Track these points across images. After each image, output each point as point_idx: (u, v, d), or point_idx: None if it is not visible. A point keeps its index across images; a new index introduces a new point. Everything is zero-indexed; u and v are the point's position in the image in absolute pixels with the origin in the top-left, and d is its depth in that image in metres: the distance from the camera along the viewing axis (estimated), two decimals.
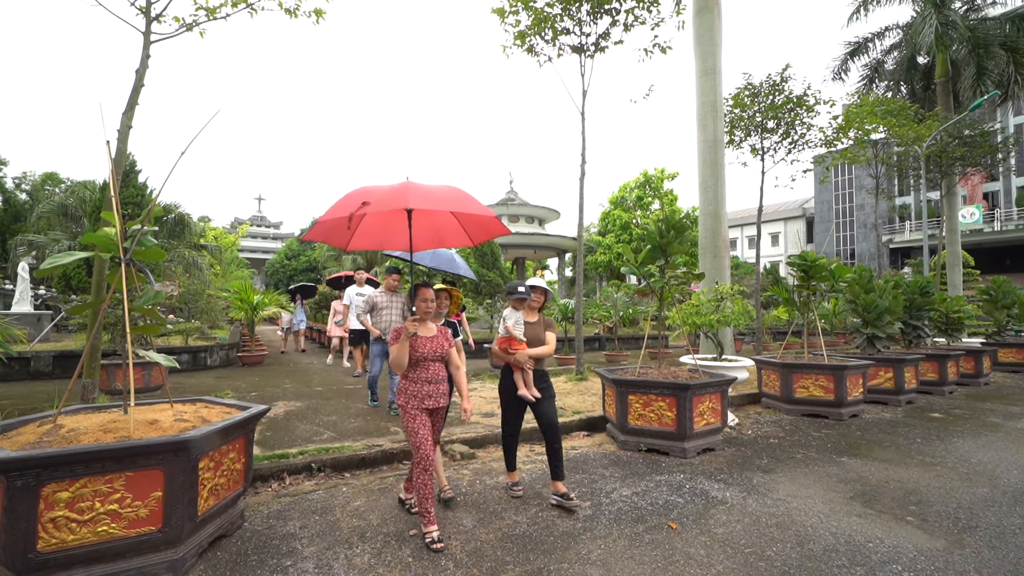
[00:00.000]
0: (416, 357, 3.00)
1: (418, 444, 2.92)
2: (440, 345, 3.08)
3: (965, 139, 16.18)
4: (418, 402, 2.98)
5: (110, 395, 6.34)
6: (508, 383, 3.61)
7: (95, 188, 15.67)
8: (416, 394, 2.99)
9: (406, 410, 2.98)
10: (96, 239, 2.90)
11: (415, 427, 2.95)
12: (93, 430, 2.56)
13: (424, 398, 2.99)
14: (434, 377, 3.04)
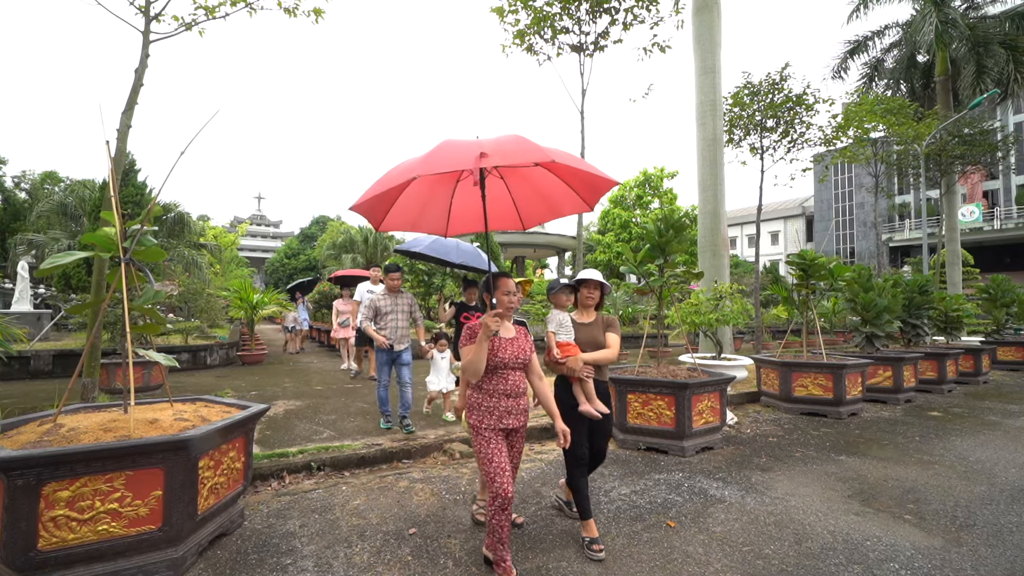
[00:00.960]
0: (494, 364, 2.45)
1: (493, 475, 2.35)
2: (523, 349, 2.53)
3: (965, 137, 16.18)
4: (495, 420, 2.44)
5: (110, 394, 6.35)
6: (564, 397, 2.95)
7: (95, 187, 15.65)
8: (492, 410, 2.45)
9: (478, 431, 2.44)
10: (96, 239, 2.90)
11: (489, 453, 2.39)
12: (93, 429, 2.57)
13: (503, 415, 2.44)
14: (514, 389, 2.48)
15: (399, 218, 3.18)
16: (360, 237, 24.73)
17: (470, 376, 2.44)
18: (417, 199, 3.14)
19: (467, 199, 3.22)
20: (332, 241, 26.83)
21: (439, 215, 3.28)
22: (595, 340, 3.06)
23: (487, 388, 2.48)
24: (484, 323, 2.31)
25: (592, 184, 2.96)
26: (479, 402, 2.49)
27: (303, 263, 41.52)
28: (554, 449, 4.85)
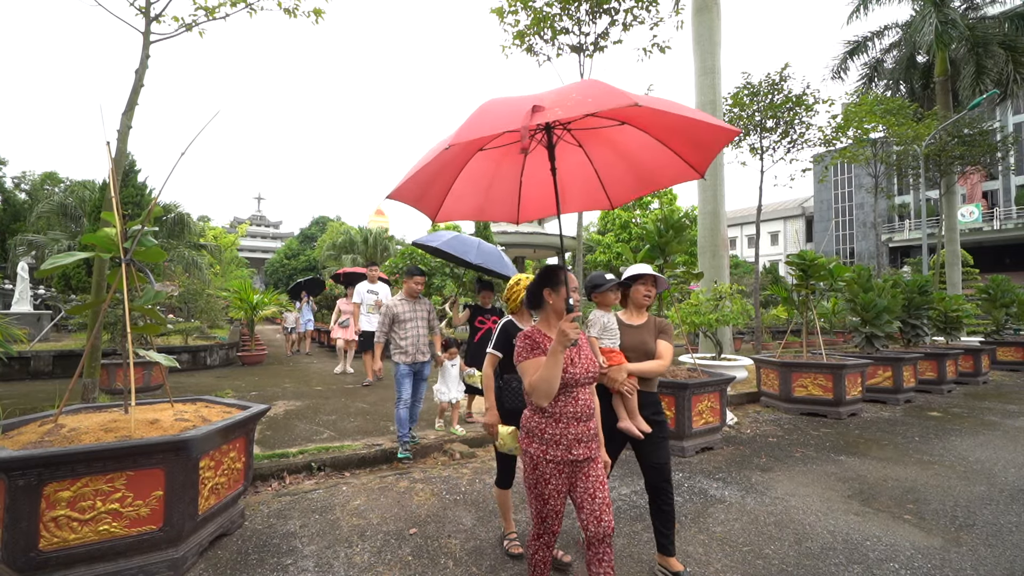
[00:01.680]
0: (563, 381, 1.93)
1: (545, 516, 1.99)
2: (592, 361, 2.05)
3: (964, 138, 16.20)
4: (562, 451, 1.93)
5: (110, 395, 6.35)
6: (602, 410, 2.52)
7: (94, 188, 15.66)
8: (558, 439, 1.94)
9: (538, 464, 1.95)
10: (96, 239, 2.91)
11: (547, 493, 1.95)
12: (94, 429, 2.57)
13: (572, 444, 1.94)
14: (585, 411, 1.99)
15: (460, 204, 2.59)
16: (360, 237, 24.75)
17: (540, 398, 1.87)
18: (480, 180, 2.54)
19: (540, 176, 2.58)
20: (332, 242, 26.86)
21: (507, 198, 2.70)
22: (644, 347, 2.65)
23: (552, 412, 1.96)
24: (562, 331, 1.75)
25: (699, 140, 2.22)
26: (541, 429, 1.97)
27: (303, 264, 41.54)
28: None
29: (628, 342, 2.67)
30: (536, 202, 2.78)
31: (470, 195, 2.59)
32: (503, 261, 5.36)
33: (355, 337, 8.95)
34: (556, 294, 2.02)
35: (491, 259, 5.17)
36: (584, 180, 2.67)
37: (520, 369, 1.96)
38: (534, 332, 1.99)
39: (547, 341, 1.96)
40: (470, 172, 2.48)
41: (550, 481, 1.94)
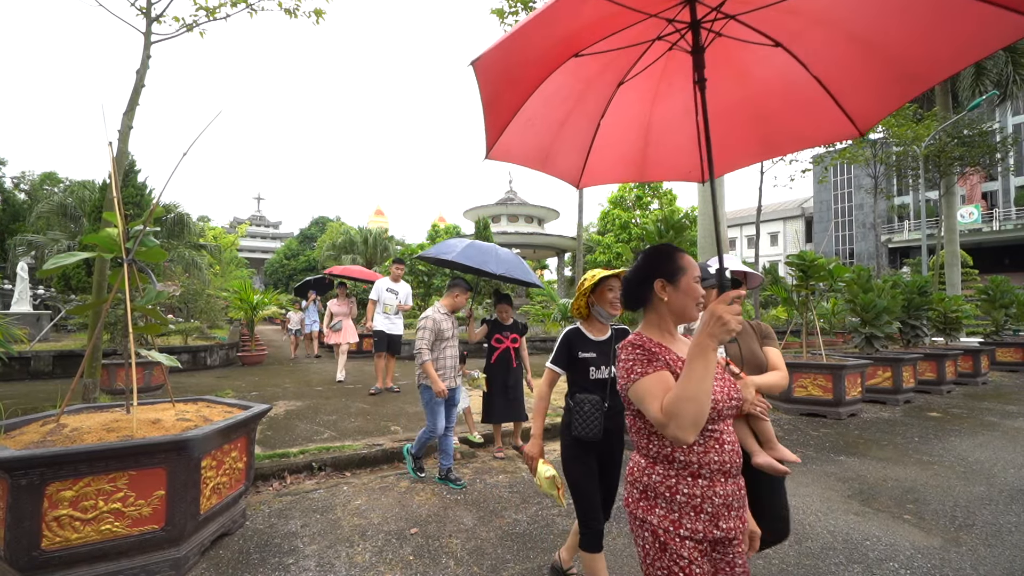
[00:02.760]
0: None
1: None
2: (732, 382, 1.44)
3: (964, 139, 16.23)
4: (705, 523, 1.28)
5: (111, 395, 6.35)
6: None
7: (94, 188, 15.66)
8: (700, 503, 1.28)
9: (665, 545, 1.29)
10: (98, 239, 2.91)
11: None
12: (96, 429, 2.58)
13: (718, 513, 1.29)
14: (732, 460, 1.33)
15: (521, 140, 1.79)
16: (360, 238, 24.75)
17: (685, 429, 1.17)
18: (555, 111, 1.78)
19: (627, 116, 1.89)
20: (332, 242, 26.85)
21: (576, 145, 1.96)
22: (754, 358, 2.11)
23: (687, 460, 1.29)
24: (716, 316, 1.14)
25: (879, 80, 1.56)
26: (670, 487, 1.29)
27: (302, 264, 41.56)
28: (555, 449, 4.83)
29: (732, 352, 2.05)
30: (611, 158, 2.07)
31: (536, 132, 1.85)
32: (525, 269, 4.92)
33: (348, 341, 8.65)
34: (675, 286, 1.38)
35: (513, 267, 4.71)
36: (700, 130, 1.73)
37: (635, 393, 1.29)
38: (643, 340, 1.36)
39: (665, 352, 1.33)
40: (545, 96, 1.73)
41: (685, 569, 1.24)
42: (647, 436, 1.36)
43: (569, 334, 2.32)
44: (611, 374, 2.25)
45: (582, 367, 2.27)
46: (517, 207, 25.43)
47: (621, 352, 1.39)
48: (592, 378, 2.25)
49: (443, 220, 45.88)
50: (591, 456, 2.24)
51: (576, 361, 2.27)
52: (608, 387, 2.25)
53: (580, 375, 2.27)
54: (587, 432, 2.13)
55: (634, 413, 1.39)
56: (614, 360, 2.16)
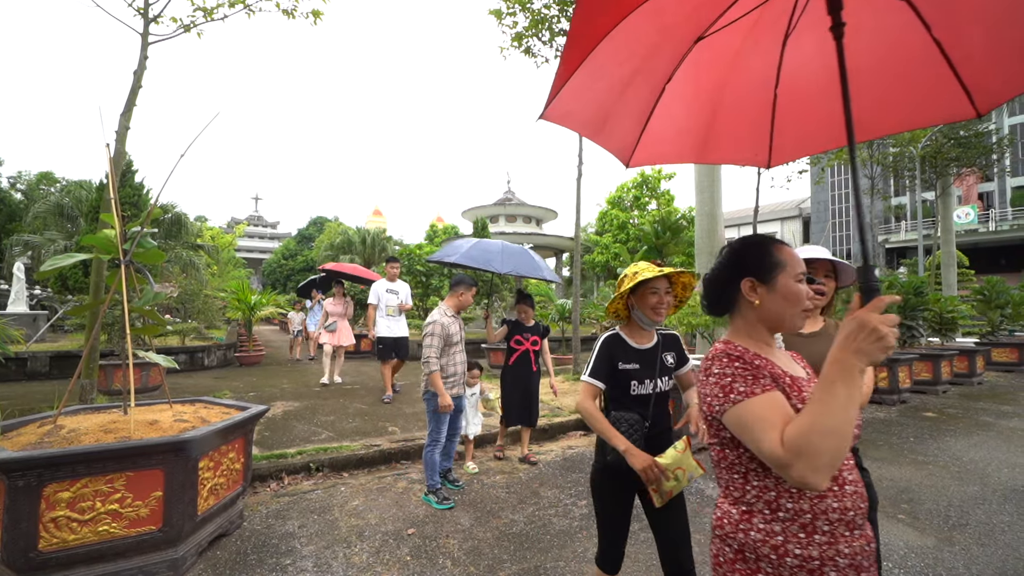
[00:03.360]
0: None
1: None
2: None
3: (960, 140, 16.30)
4: None
5: (108, 396, 6.34)
6: None
7: (91, 188, 15.61)
8: (818, 567, 0.98)
9: None
10: (96, 241, 2.92)
11: None
12: (94, 430, 2.58)
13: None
14: (856, 507, 1.03)
15: (581, 98, 1.51)
16: (358, 238, 24.73)
17: (818, 475, 0.89)
18: (622, 65, 1.48)
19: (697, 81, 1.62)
20: (330, 242, 26.83)
21: (635, 112, 1.66)
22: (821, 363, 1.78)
23: (797, 508, 1.01)
24: (871, 328, 0.92)
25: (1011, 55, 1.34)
26: (778, 548, 1.01)
27: (300, 264, 41.50)
28: (552, 450, 4.85)
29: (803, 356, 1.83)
30: (671, 131, 1.77)
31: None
32: (534, 264, 4.60)
33: (345, 343, 8.19)
34: (768, 287, 1.12)
35: (521, 264, 4.48)
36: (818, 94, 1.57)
37: (736, 419, 1.00)
38: (739, 349, 1.08)
39: (768, 365, 1.06)
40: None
41: None
42: (743, 475, 1.06)
43: (609, 341, 1.96)
44: (656, 388, 1.93)
45: (622, 380, 1.91)
46: (515, 207, 25.47)
47: (712, 365, 1.09)
48: (633, 393, 1.90)
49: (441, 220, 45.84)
50: (627, 484, 1.89)
51: (616, 373, 1.91)
52: (651, 404, 1.92)
53: (619, 390, 1.93)
54: (624, 461, 1.79)
55: (726, 444, 1.08)
56: (661, 372, 1.94)
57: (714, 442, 1.13)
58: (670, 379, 1.99)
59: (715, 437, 1.12)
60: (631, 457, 1.75)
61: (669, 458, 1.74)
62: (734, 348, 1.10)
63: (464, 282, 3.74)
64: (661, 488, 1.71)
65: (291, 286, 39.18)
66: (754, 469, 1.05)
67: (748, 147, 1.83)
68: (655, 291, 1.92)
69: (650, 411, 1.91)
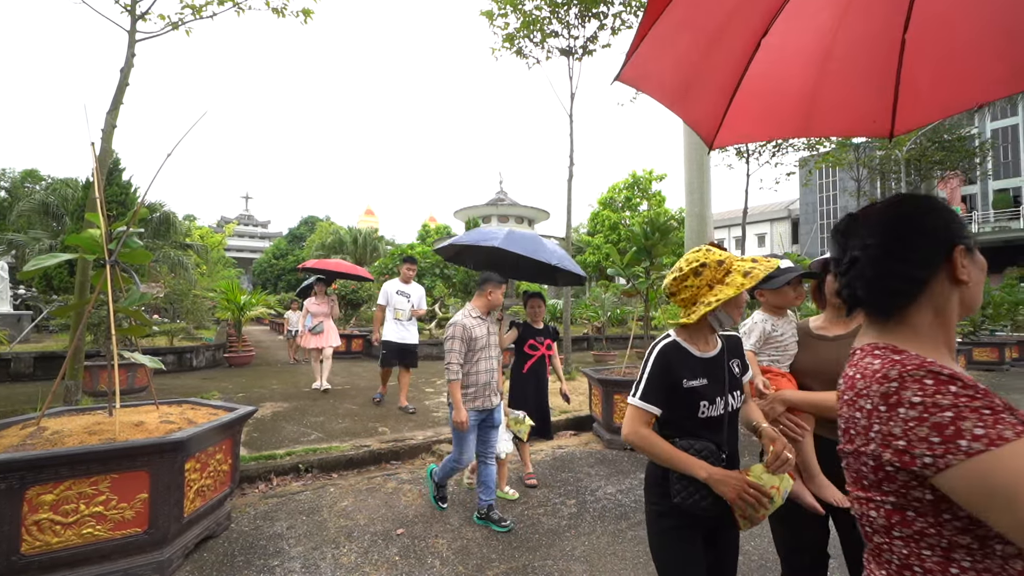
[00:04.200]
0: None
1: None
2: None
3: (944, 143, 16.61)
4: None
5: (93, 397, 6.26)
6: None
7: (77, 186, 15.39)
8: None
9: None
10: (80, 240, 2.89)
11: None
12: (78, 432, 2.56)
13: None
14: None
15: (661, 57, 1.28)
16: (349, 238, 24.62)
17: None
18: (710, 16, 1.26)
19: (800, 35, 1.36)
20: (321, 242, 26.67)
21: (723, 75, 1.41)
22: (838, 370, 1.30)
23: None
24: None
25: None
26: None
27: (291, 264, 41.20)
28: (542, 449, 4.87)
29: (810, 361, 1.75)
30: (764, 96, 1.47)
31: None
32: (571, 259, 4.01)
33: (331, 344, 7.41)
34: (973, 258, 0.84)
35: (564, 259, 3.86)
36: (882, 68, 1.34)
37: (980, 478, 0.65)
38: (940, 367, 0.73)
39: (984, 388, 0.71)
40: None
41: None
42: (942, 554, 0.72)
43: (667, 351, 1.51)
44: (728, 407, 1.52)
45: (688, 400, 1.48)
46: (507, 207, 25.50)
47: (903, 391, 0.72)
48: (702, 416, 1.48)
49: (434, 220, 45.71)
50: (697, 534, 1.51)
51: (678, 392, 1.47)
52: (724, 428, 1.52)
53: (682, 413, 1.49)
54: (699, 501, 1.41)
55: (917, 507, 0.74)
56: (731, 386, 1.53)
57: (885, 500, 0.76)
58: (742, 393, 1.58)
59: (893, 495, 0.75)
60: (719, 484, 1.36)
61: (755, 475, 1.40)
62: (931, 363, 0.73)
63: (492, 279, 3.26)
64: (754, 513, 1.38)
65: (282, 286, 38.91)
66: (966, 546, 0.71)
67: (864, 113, 1.48)
68: None
69: (724, 437, 1.51)
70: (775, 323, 1.86)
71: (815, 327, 1.84)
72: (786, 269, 1.82)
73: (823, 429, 1.67)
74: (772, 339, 1.84)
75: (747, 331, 1.88)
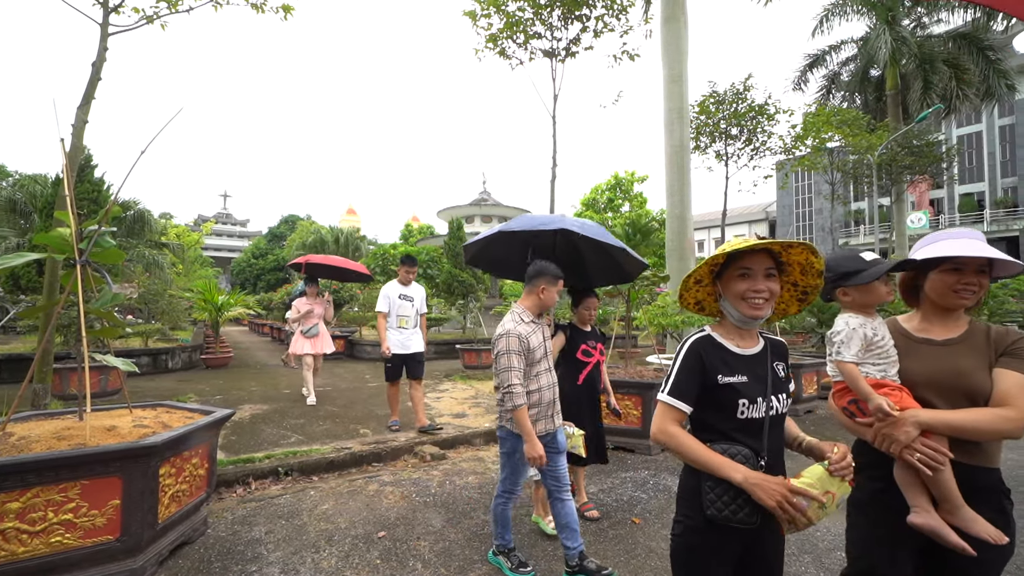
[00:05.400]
0: None
1: None
2: None
3: (913, 148, 17.17)
4: None
5: (63, 400, 6.06)
6: (878, 490, 1.51)
7: (46, 183, 14.85)
8: None
9: None
10: (49, 239, 2.80)
11: None
12: (45, 437, 2.48)
13: None
14: None
15: None
16: (331, 237, 24.30)
17: None
18: None
19: None
20: (302, 241, 26.28)
21: None
22: (959, 380, 1.42)
23: None
24: None
25: None
26: None
27: (271, 263, 40.50)
28: None
29: (921, 371, 1.48)
30: None
31: None
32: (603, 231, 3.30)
33: (327, 350, 6.77)
34: None
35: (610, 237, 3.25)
36: None
37: None
38: None
39: None
40: None
41: None
42: None
43: (700, 343, 1.41)
44: (771, 410, 1.36)
45: (724, 400, 1.36)
46: (491, 207, 25.49)
47: None
48: (741, 417, 1.35)
49: (416, 220, 45.37)
50: (731, 554, 1.36)
51: (714, 390, 1.36)
52: (765, 432, 1.36)
53: (719, 413, 1.37)
54: (735, 512, 1.27)
55: None
56: (775, 388, 1.39)
57: None
58: (788, 398, 1.42)
59: None
60: (756, 489, 1.21)
61: (813, 478, 1.24)
62: None
63: (547, 272, 2.60)
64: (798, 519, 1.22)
65: (261, 286, 38.20)
66: None
67: None
68: (745, 272, 1.36)
69: (764, 443, 1.35)
70: (873, 326, 1.57)
71: (914, 329, 1.60)
72: (873, 261, 1.58)
73: (972, 456, 1.39)
74: (873, 345, 1.55)
75: (843, 340, 1.57)
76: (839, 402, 1.60)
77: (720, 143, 11.89)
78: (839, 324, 1.61)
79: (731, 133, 11.61)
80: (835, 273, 1.62)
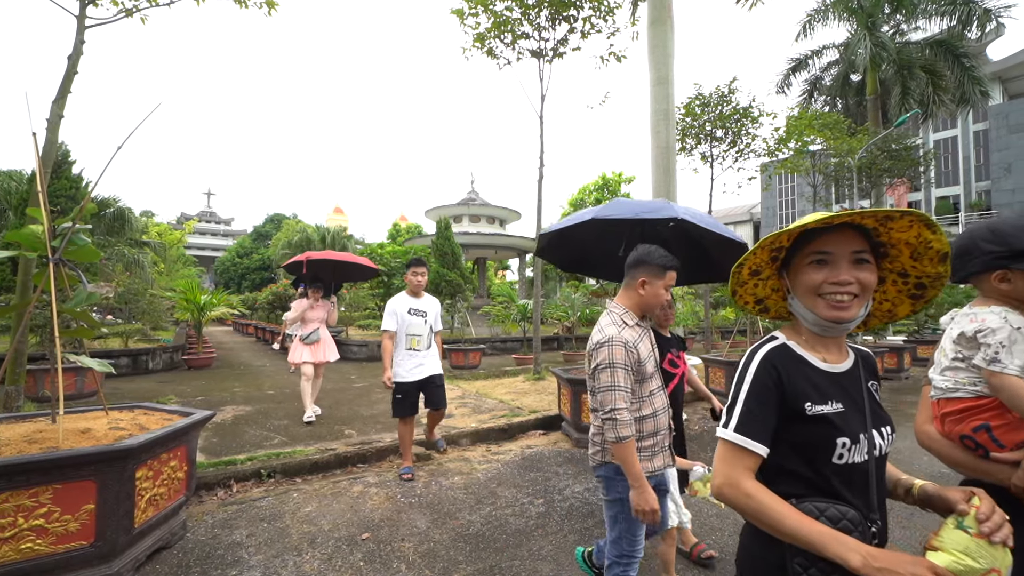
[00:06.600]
0: None
1: None
2: None
3: (892, 152, 17.55)
4: None
5: (37, 403, 5.90)
6: None
7: (22, 179, 14.46)
8: None
9: None
10: (21, 237, 2.72)
11: None
12: (16, 441, 2.42)
13: None
14: None
15: None
16: (317, 236, 24.02)
17: None
18: None
19: None
20: (288, 240, 25.94)
21: None
22: None
23: None
24: None
25: None
26: None
27: (256, 263, 39.93)
28: (511, 450, 4.89)
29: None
30: None
31: None
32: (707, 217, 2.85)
33: (331, 359, 5.99)
34: None
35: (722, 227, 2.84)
36: None
37: None
38: None
39: None
40: None
41: None
42: None
43: (775, 358, 1.03)
44: (876, 450, 1.01)
45: (818, 438, 0.98)
46: (479, 207, 25.43)
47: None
48: (840, 462, 0.98)
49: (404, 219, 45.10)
50: None
51: (801, 423, 0.99)
52: (873, 483, 1.00)
53: (808, 456, 0.99)
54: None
55: None
56: (876, 419, 1.03)
57: None
58: (893, 432, 1.05)
59: None
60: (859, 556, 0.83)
61: (958, 547, 0.84)
62: None
63: (651, 260, 1.93)
64: None
65: (246, 286, 37.60)
66: None
67: None
68: (822, 259, 1.01)
69: (873, 498, 1.00)
70: (1014, 320, 1.19)
71: None
72: None
73: None
74: (1005, 352, 1.18)
75: (1001, 343, 1.20)
76: (955, 427, 1.22)
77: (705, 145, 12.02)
78: (992, 320, 1.20)
79: (716, 135, 11.75)
80: (1006, 247, 1.17)
